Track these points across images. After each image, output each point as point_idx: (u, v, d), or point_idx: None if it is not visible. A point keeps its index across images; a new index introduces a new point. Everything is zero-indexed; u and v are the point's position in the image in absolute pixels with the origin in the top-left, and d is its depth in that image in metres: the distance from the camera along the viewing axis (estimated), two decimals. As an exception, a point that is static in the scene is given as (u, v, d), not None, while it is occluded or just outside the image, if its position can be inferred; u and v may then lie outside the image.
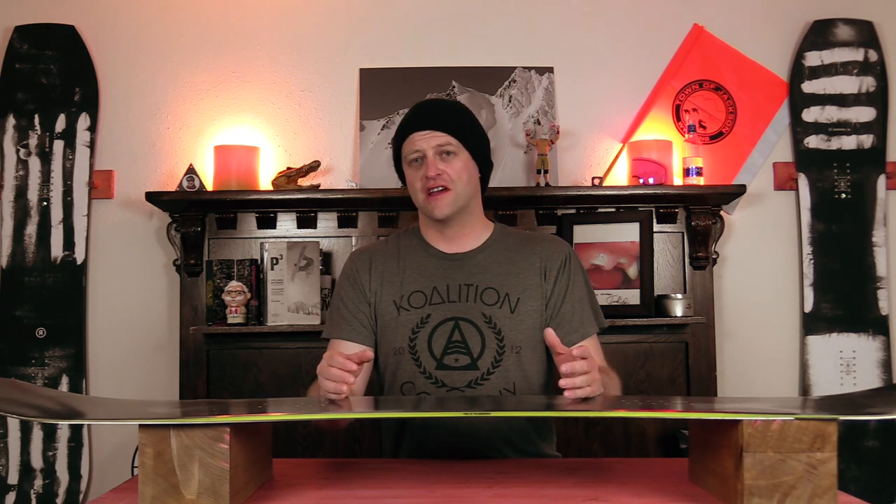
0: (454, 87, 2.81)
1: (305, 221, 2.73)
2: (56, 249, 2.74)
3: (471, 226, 1.71)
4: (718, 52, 2.84)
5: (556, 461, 1.59)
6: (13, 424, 2.67)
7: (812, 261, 2.79)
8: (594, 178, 2.71)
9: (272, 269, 2.58)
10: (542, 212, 2.74)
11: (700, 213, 2.71)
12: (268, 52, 2.85)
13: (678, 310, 2.63)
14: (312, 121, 2.84)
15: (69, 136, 2.76)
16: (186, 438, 1.06)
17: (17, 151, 2.75)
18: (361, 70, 2.83)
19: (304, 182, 2.71)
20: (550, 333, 1.39)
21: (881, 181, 2.80)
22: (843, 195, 2.81)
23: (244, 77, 2.84)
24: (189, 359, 2.68)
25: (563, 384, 1.29)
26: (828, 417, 1.05)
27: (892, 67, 2.86)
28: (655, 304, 2.66)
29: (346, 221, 2.73)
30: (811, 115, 2.83)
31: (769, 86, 2.85)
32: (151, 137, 2.82)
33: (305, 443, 2.63)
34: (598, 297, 2.57)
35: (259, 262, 2.64)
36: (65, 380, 2.72)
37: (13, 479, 2.67)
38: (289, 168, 2.70)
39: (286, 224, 2.75)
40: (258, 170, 2.75)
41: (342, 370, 1.34)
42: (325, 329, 1.73)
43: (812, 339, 2.79)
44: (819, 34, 2.84)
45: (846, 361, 2.78)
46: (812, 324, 2.79)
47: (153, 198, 2.61)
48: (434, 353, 1.63)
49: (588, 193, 2.65)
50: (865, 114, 2.82)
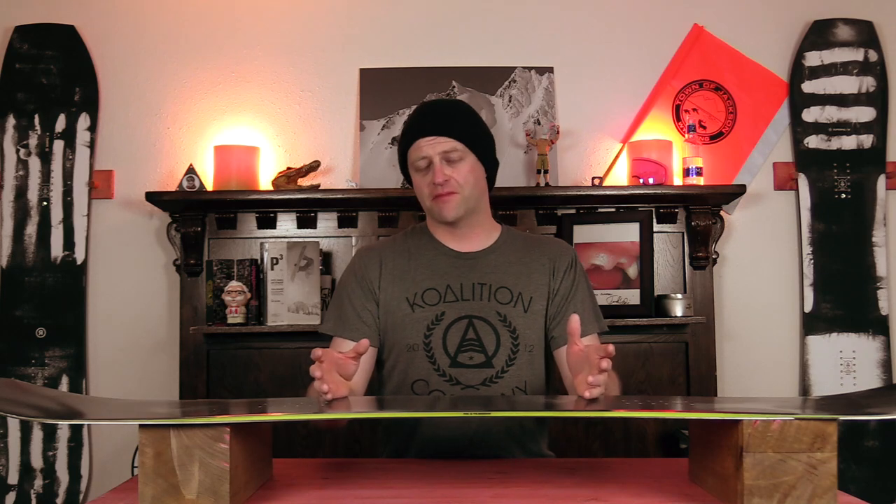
0: (454, 87, 2.81)
1: (305, 221, 2.73)
2: (56, 249, 2.74)
3: (480, 225, 1.71)
4: (718, 52, 2.84)
5: (557, 461, 1.59)
6: (13, 424, 2.67)
7: (812, 261, 2.79)
8: (594, 178, 2.71)
9: (272, 269, 2.58)
10: (542, 212, 2.74)
11: (700, 213, 2.71)
12: (268, 52, 2.85)
13: (678, 310, 2.63)
14: (312, 121, 2.84)
15: (69, 136, 2.76)
16: (186, 438, 1.06)
17: (17, 151, 2.76)
18: (361, 70, 2.83)
19: (304, 182, 2.71)
20: (575, 320, 1.35)
21: (881, 181, 2.80)
22: (843, 195, 2.81)
23: (244, 77, 2.84)
24: (189, 359, 2.68)
25: (591, 381, 1.25)
26: (828, 417, 1.05)
27: (892, 67, 2.86)
28: (655, 304, 2.66)
29: (346, 221, 2.73)
30: (811, 115, 2.83)
31: (769, 86, 2.85)
32: (151, 137, 2.83)
33: (305, 443, 2.63)
34: (599, 298, 2.58)
35: (259, 262, 2.64)
36: (65, 380, 2.72)
37: (13, 479, 2.67)
38: (289, 168, 2.70)
39: (286, 224, 2.75)
40: (258, 170, 2.75)
41: (313, 367, 1.28)
42: (326, 324, 1.71)
43: (812, 339, 2.79)
44: (819, 34, 2.84)
45: (846, 361, 2.78)
46: (812, 324, 2.79)
47: (153, 198, 2.61)
48: (448, 351, 1.63)
49: (588, 193, 2.66)
50: (865, 114, 2.82)
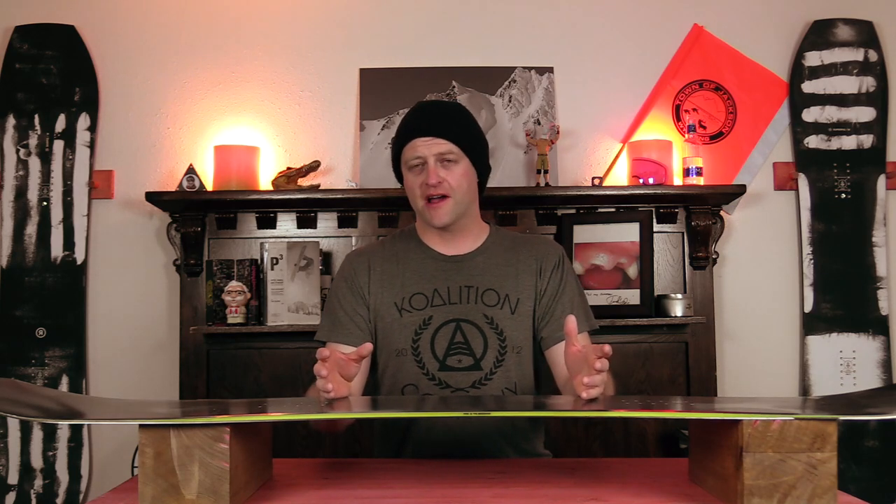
0: (454, 87, 2.81)
1: (305, 221, 2.73)
2: (56, 249, 2.74)
3: (468, 228, 1.72)
4: (718, 52, 2.84)
5: (557, 461, 1.60)
6: (13, 424, 2.67)
7: (812, 261, 2.79)
8: (594, 178, 2.71)
9: (272, 269, 2.58)
10: (542, 212, 2.74)
11: (700, 213, 2.71)
12: (268, 52, 2.85)
13: (678, 310, 2.63)
14: (312, 121, 2.84)
15: (69, 136, 2.76)
16: (186, 438, 1.06)
17: (17, 151, 2.76)
18: (361, 70, 2.83)
19: (304, 182, 2.71)
20: (571, 321, 1.35)
21: (881, 181, 2.80)
22: (843, 195, 2.81)
23: (244, 77, 2.84)
24: (189, 359, 2.68)
25: (587, 382, 1.26)
26: (828, 417, 1.05)
27: (892, 67, 2.86)
28: (655, 304, 2.66)
29: (346, 221, 2.73)
30: (811, 115, 2.83)
31: (769, 86, 2.85)
32: (151, 137, 2.82)
33: (305, 443, 2.63)
34: (598, 297, 2.62)
35: (259, 262, 2.64)
36: (65, 380, 2.72)
37: (13, 479, 2.67)
38: (289, 168, 2.70)
39: (286, 224, 2.75)
40: (258, 170, 2.75)
41: (318, 366, 1.29)
42: (320, 331, 1.71)
43: (812, 339, 2.79)
44: (819, 34, 2.84)
45: (846, 361, 2.78)
46: (812, 324, 2.79)
47: (153, 198, 2.61)
48: (437, 355, 1.63)
49: (588, 193, 2.65)
50: (865, 114, 2.82)
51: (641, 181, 2.68)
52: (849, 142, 2.82)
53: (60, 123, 2.76)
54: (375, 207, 2.71)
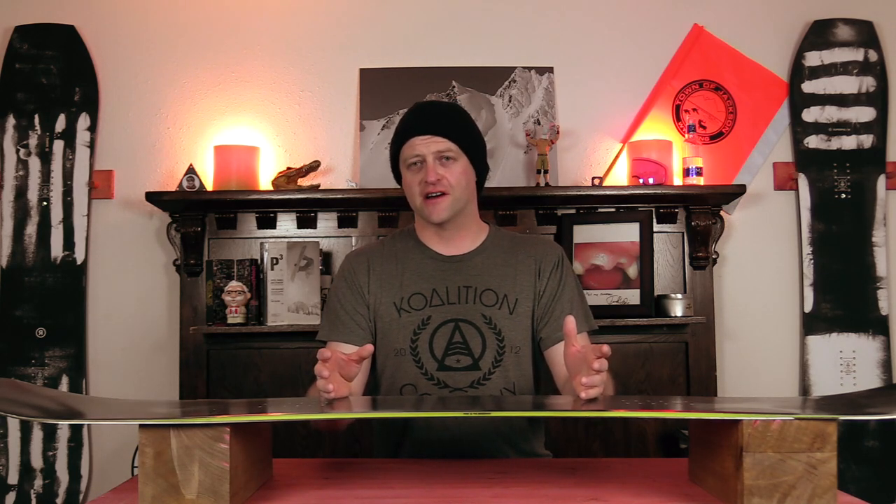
0: (454, 87, 2.81)
1: (305, 221, 2.73)
2: (56, 249, 2.74)
3: (467, 228, 1.72)
4: (718, 52, 2.84)
5: (557, 461, 1.60)
6: (13, 424, 2.67)
7: (812, 261, 2.79)
8: (594, 178, 2.71)
9: (272, 269, 2.58)
10: (542, 212, 2.74)
11: (700, 213, 2.71)
12: (268, 52, 2.85)
13: (678, 310, 2.63)
14: (312, 121, 2.84)
15: (69, 136, 2.76)
16: (186, 438, 1.06)
17: (17, 151, 2.76)
18: (361, 70, 2.83)
19: (304, 182, 2.71)
20: (570, 321, 1.35)
21: (881, 181, 2.80)
22: (843, 195, 2.81)
23: (244, 77, 2.84)
24: (189, 359, 2.68)
25: (586, 382, 1.26)
26: (828, 417, 1.05)
27: (892, 67, 2.86)
28: (655, 304, 2.66)
29: (346, 221, 2.73)
30: (811, 115, 2.83)
31: (769, 86, 2.85)
32: (151, 137, 2.83)
33: (305, 443, 2.63)
34: (598, 297, 2.62)
35: (259, 262, 2.64)
36: (65, 380, 2.72)
37: (13, 479, 2.67)
38: (289, 168, 2.70)
39: (286, 224, 2.75)
40: (258, 170, 2.75)
41: (319, 366, 1.30)
42: (321, 331, 1.72)
43: (812, 339, 2.79)
44: (819, 34, 2.84)
45: (846, 361, 2.78)
46: (812, 324, 2.79)
47: (153, 198, 2.61)
48: (435, 355, 1.63)
49: (588, 193, 2.65)
50: (865, 114, 2.82)
51: (641, 181, 2.68)
52: (849, 142, 2.82)
53: (60, 123, 2.76)
54: (375, 207, 2.71)
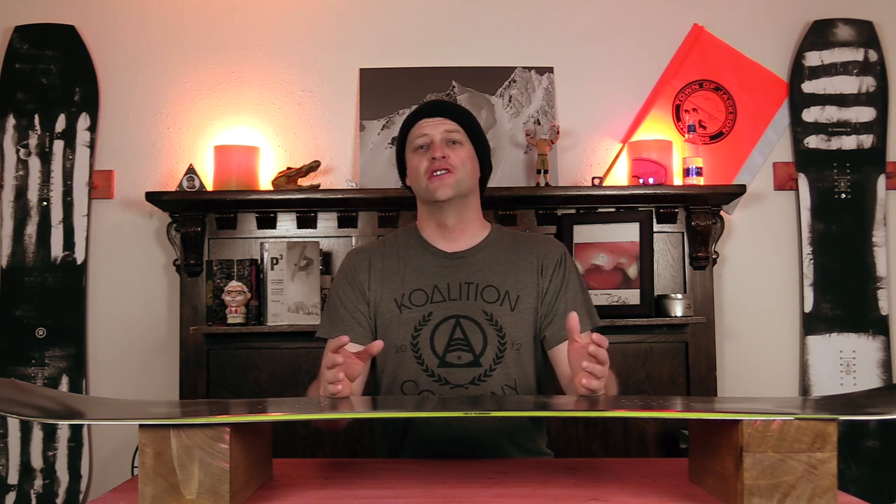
0: (454, 87, 2.81)
1: (305, 221, 2.73)
2: (56, 249, 2.74)
3: (469, 222, 1.72)
4: (718, 52, 2.84)
5: (557, 461, 1.59)
6: (13, 424, 2.67)
7: (812, 261, 2.79)
8: (594, 178, 2.71)
9: (272, 269, 2.58)
10: (542, 212, 2.74)
11: (700, 213, 2.71)
12: (268, 52, 2.85)
13: (678, 310, 2.63)
14: (312, 121, 2.84)
15: (69, 136, 2.76)
16: (186, 438, 1.06)
17: (17, 151, 2.76)
18: (361, 70, 2.83)
19: (304, 182, 2.71)
20: (574, 318, 1.36)
21: (881, 181, 2.80)
22: (843, 195, 2.81)
23: (244, 77, 2.84)
24: (189, 359, 2.68)
25: (585, 367, 1.28)
26: (828, 417, 1.04)
27: (892, 67, 2.86)
28: (655, 304, 2.66)
29: (346, 221, 2.73)
30: (811, 115, 2.83)
31: (769, 86, 2.85)
32: (151, 137, 2.83)
33: (305, 443, 2.63)
34: (598, 297, 2.62)
35: (259, 262, 2.64)
36: (65, 380, 2.72)
37: (13, 479, 2.67)
38: (289, 168, 2.70)
39: (286, 224, 2.75)
40: (258, 170, 2.75)
41: (332, 363, 1.32)
42: (321, 328, 1.72)
43: (812, 339, 2.79)
44: (819, 34, 2.84)
45: (846, 361, 2.78)
46: (812, 324, 2.79)
47: (153, 198, 2.61)
48: (436, 351, 1.63)
49: (588, 193, 2.66)
50: (865, 114, 2.82)
51: (641, 181, 2.68)
52: (849, 142, 2.82)
53: (60, 123, 2.76)
54: (375, 207, 2.71)
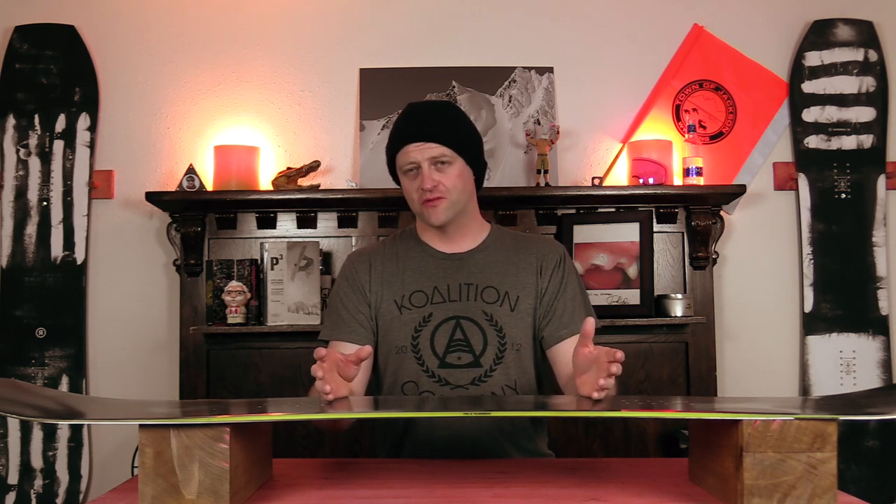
0: (454, 87, 2.81)
1: (305, 221, 2.73)
2: (56, 249, 2.74)
3: (467, 226, 1.72)
4: (718, 52, 2.84)
5: (557, 461, 1.60)
6: (13, 424, 2.67)
7: (812, 261, 2.79)
8: (594, 178, 2.71)
9: (272, 269, 2.58)
10: (542, 212, 2.74)
11: (700, 213, 2.71)
12: (268, 52, 2.85)
13: (678, 310, 2.63)
14: (312, 121, 2.84)
15: (69, 136, 2.76)
16: (186, 438, 1.06)
17: (17, 151, 2.76)
18: (361, 70, 2.83)
19: (304, 182, 2.71)
20: (590, 323, 1.34)
21: (881, 181, 2.80)
22: (843, 195, 2.81)
23: (244, 77, 2.84)
24: (189, 359, 2.68)
25: (602, 384, 1.26)
26: (828, 417, 1.05)
27: (892, 67, 2.86)
28: (655, 304, 2.66)
29: (346, 221, 2.73)
30: (811, 115, 2.83)
31: (769, 86, 2.85)
32: (151, 137, 2.83)
33: (305, 443, 2.63)
34: (598, 297, 2.62)
35: (259, 262, 2.64)
36: (65, 380, 2.72)
37: (13, 479, 2.67)
38: (289, 168, 2.70)
39: (286, 224, 2.75)
40: (258, 170, 2.75)
41: (315, 367, 1.30)
42: (323, 330, 1.73)
43: (812, 339, 2.79)
44: (819, 34, 2.84)
45: (846, 361, 2.78)
46: (812, 324, 2.79)
47: (153, 198, 2.61)
48: (437, 352, 1.64)
49: (588, 193, 2.65)
50: (865, 114, 2.82)
51: (641, 181, 2.68)
52: (849, 142, 2.82)
53: (60, 123, 2.76)
54: (375, 207, 2.71)
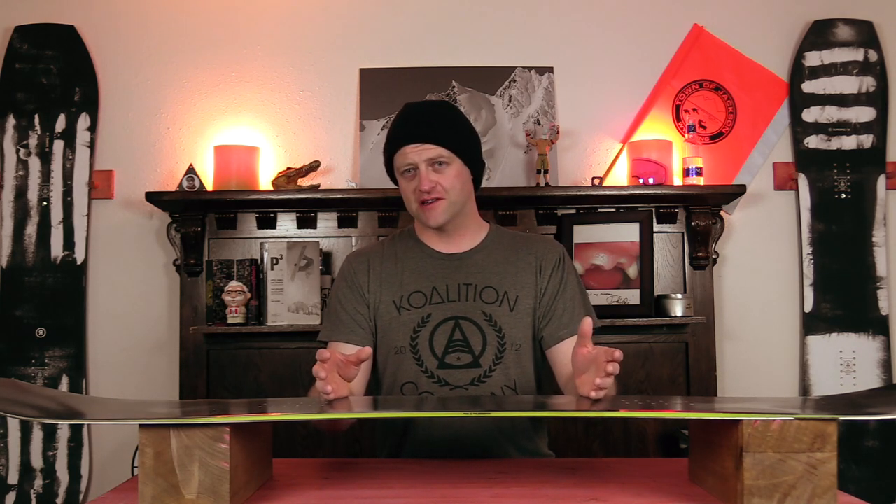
0: (454, 87, 2.81)
1: (305, 221, 2.73)
2: (56, 249, 2.74)
3: (466, 227, 1.72)
4: (718, 52, 2.84)
5: (557, 461, 1.60)
6: (13, 424, 2.67)
7: (812, 261, 2.79)
8: (594, 178, 2.71)
9: (272, 269, 2.58)
10: (542, 212, 2.74)
11: (700, 213, 2.71)
12: (268, 52, 2.85)
13: (678, 310, 2.63)
14: (312, 121, 2.84)
15: (69, 136, 2.76)
16: (186, 438, 1.06)
17: (17, 151, 2.76)
18: (361, 70, 2.83)
19: (304, 182, 2.71)
20: (588, 324, 1.34)
21: (881, 181, 2.80)
22: (843, 195, 2.81)
23: (244, 77, 2.84)
24: (189, 359, 2.68)
25: (599, 384, 1.27)
26: (828, 417, 1.05)
27: (892, 67, 2.86)
28: (655, 304, 2.66)
29: (346, 221, 2.73)
30: (811, 115, 2.83)
31: (769, 86, 2.85)
32: (151, 137, 2.83)
33: (305, 443, 2.63)
34: (598, 297, 2.62)
35: (259, 262, 2.64)
36: (65, 380, 2.72)
37: (13, 479, 2.67)
38: (289, 168, 2.70)
39: (286, 224, 2.75)
40: (258, 170, 2.75)
41: (317, 367, 1.30)
42: (322, 331, 1.73)
43: (812, 339, 2.79)
44: (819, 34, 2.84)
45: (846, 361, 2.78)
46: (812, 324, 2.79)
47: (153, 198, 2.61)
48: (435, 352, 1.64)
49: (588, 193, 2.65)
50: (865, 114, 2.82)
51: (641, 181, 2.68)
52: (849, 142, 2.82)
53: (60, 123, 2.76)
54: (375, 207, 2.71)
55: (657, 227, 2.74)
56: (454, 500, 1.17)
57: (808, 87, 2.83)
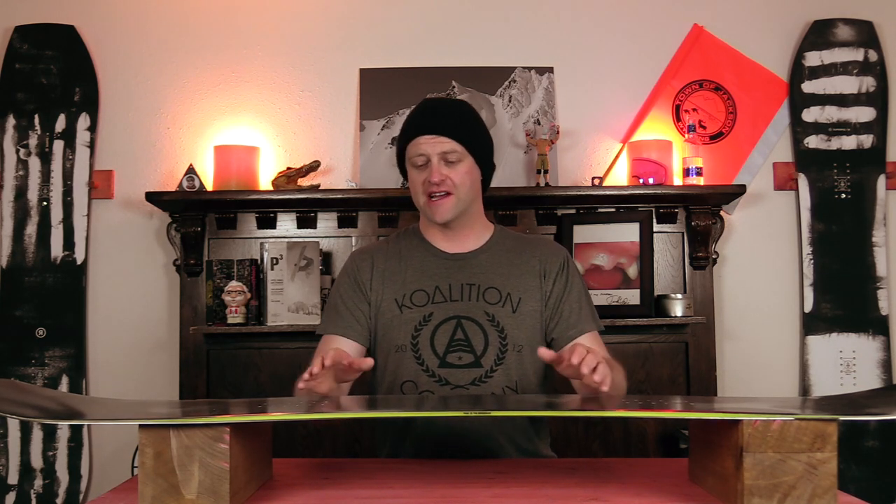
0: (454, 87, 2.81)
1: (305, 221, 2.73)
2: (56, 249, 2.74)
3: (471, 226, 1.72)
4: (718, 52, 2.84)
5: (557, 461, 1.60)
6: (13, 424, 2.67)
7: (812, 261, 2.79)
8: (594, 178, 2.71)
9: (272, 269, 2.58)
10: (542, 212, 2.74)
11: (700, 213, 2.71)
12: (268, 52, 2.85)
13: (678, 310, 2.63)
14: (312, 121, 2.84)
15: (69, 136, 2.76)
16: (186, 438, 1.06)
17: (17, 151, 2.76)
18: (361, 70, 2.83)
19: (304, 182, 2.71)
20: (545, 353, 1.39)
21: (881, 181, 2.80)
22: (843, 195, 2.81)
23: (244, 77, 2.84)
24: (189, 359, 2.68)
25: (589, 375, 1.32)
26: (828, 417, 1.04)
27: (892, 67, 2.86)
28: (655, 304, 2.66)
29: (346, 221, 2.73)
30: (811, 115, 2.83)
31: (769, 86, 2.85)
32: (151, 137, 2.83)
33: (305, 443, 2.63)
34: (598, 297, 2.62)
35: (259, 262, 2.64)
36: (65, 380, 2.72)
37: (13, 479, 2.67)
38: (289, 168, 2.70)
39: (286, 224, 2.75)
40: (258, 170, 2.75)
41: (318, 364, 1.35)
42: (320, 325, 1.74)
43: (812, 339, 2.79)
44: (819, 34, 2.84)
45: (846, 361, 2.78)
46: (812, 324, 2.79)
47: (153, 198, 2.61)
48: (437, 351, 1.63)
49: (588, 193, 2.66)
50: (865, 114, 2.82)
51: (641, 181, 2.68)
52: (849, 142, 2.82)
53: (60, 123, 2.76)
54: (375, 207, 2.71)
55: (657, 227, 2.74)
56: (454, 500, 1.17)
57: (808, 87, 2.83)
